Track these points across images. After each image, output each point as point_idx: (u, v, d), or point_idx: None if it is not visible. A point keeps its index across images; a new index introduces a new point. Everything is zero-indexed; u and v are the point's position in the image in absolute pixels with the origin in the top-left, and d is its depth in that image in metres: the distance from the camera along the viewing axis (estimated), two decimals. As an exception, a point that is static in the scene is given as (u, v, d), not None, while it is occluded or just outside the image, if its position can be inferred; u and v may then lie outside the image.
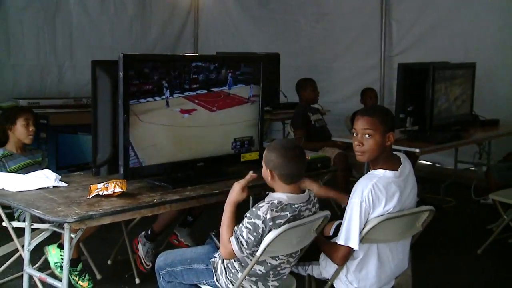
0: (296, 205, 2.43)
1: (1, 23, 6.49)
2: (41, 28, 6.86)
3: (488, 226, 4.61)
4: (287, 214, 2.38)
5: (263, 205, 2.38)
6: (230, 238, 2.41)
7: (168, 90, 2.88)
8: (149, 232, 3.69)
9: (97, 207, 2.53)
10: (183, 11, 8.42)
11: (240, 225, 2.41)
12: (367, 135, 2.55)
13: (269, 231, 2.33)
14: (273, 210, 2.35)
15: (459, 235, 4.73)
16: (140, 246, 3.69)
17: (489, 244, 4.27)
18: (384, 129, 2.55)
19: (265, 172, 2.49)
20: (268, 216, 2.33)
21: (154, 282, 3.48)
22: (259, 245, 2.34)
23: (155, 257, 3.60)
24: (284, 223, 2.35)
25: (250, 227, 2.35)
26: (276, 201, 2.39)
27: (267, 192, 2.52)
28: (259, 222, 2.34)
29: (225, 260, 2.56)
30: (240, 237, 2.38)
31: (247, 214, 2.40)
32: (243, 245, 2.37)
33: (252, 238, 2.35)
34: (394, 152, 2.70)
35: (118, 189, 2.66)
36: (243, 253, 2.39)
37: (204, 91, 3.05)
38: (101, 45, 7.16)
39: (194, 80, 3.00)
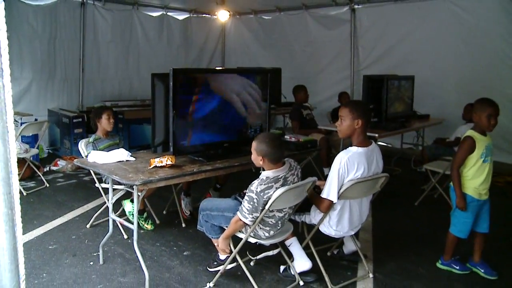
0: (280, 175, 2.36)
1: (95, 52, 6.68)
2: (119, 54, 6.99)
3: (422, 187, 4.55)
4: (272, 185, 2.31)
5: (255, 182, 2.34)
6: (237, 213, 2.37)
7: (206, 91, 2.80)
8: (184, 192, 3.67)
9: (155, 174, 2.48)
10: (214, 40, 8.38)
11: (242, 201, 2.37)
12: (341, 119, 2.52)
13: (263, 199, 2.28)
14: (262, 184, 2.31)
15: (403, 193, 4.65)
16: (182, 202, 3.66)
17: (423, 199, 4.26)
18: (353, 116, 2.48)
19: (256, 158, 2.36)
20: (259, 189, 2.29)
21: (193, 226, 3.45)
22: (257, 211, 2.31)
23: (194, 209, 3.59)
24: (273, 193, 2.28)
25: (247, 198, 2.32)
26: (264, 177, 2.35)
27: (260, 172, 2.44)
28: (253, 194, 2.30)
29: None
30: (242, 207, 2.34)
31: (246, 191, 2.36)
32: (245, 213, 2.33)
33: (250, 206, 2.31)
34: (370, 140, 2.61)
35: (169, 162, 2.61)
36: (247, 218, 2.34)
37: (232, 93, 2.96)
38: (157, 64, 7.17)
39: (224, 85, 2.90)
